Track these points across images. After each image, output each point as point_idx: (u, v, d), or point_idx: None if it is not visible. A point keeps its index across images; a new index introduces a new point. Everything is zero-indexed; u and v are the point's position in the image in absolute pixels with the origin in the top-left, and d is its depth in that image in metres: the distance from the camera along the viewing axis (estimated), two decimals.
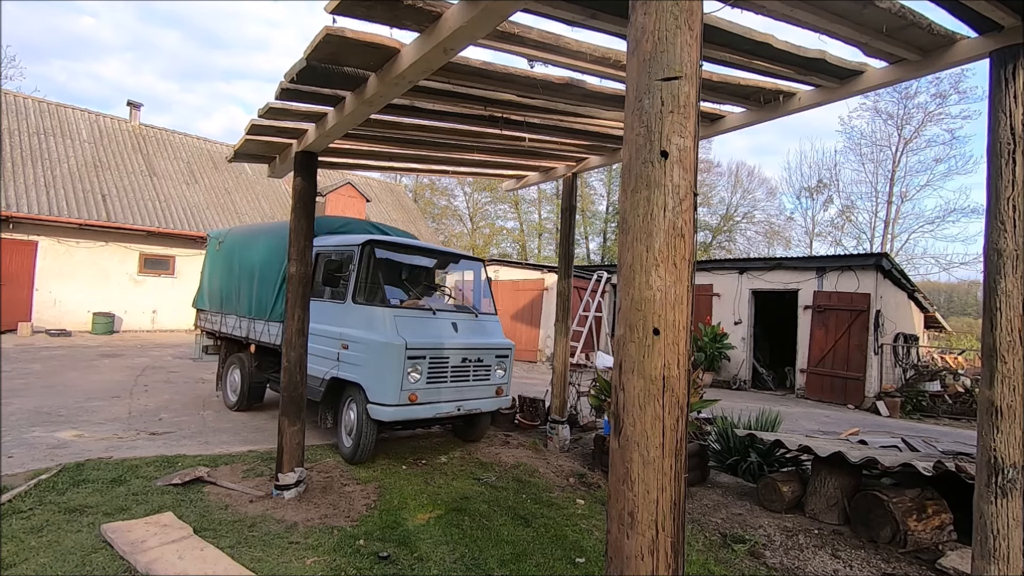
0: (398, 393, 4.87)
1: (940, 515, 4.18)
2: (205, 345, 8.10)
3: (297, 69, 3.10)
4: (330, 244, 5.98)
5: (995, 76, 2.80)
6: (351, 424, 5.21)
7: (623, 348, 1.51)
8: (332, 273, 5.60)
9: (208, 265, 8.31)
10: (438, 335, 5.31)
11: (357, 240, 5.65)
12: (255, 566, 3.22)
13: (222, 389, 7.46)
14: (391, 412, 4.87)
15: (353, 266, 5.49)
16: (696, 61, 1.48)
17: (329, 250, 5.94)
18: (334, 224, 6.74)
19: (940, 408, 11.79)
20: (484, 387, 5.63)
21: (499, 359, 5.74)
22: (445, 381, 5.25)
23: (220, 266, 7.79)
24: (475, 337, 5.63)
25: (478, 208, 40.08)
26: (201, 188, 19.05)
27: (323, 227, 6.45)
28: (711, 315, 14.53)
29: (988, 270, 2.75)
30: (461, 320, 5.70)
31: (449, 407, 5.27)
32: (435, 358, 5.15)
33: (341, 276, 5.58)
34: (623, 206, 1.54)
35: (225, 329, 7.40)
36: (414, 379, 4.98)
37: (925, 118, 27.94)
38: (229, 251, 7.61)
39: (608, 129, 4.88)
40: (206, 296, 8.20)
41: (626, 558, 1.47)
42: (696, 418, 6.50)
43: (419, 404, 5.03)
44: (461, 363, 5.38)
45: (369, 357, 5.01)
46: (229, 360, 7.39)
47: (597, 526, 4.23)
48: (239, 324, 7.02)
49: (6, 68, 25.50)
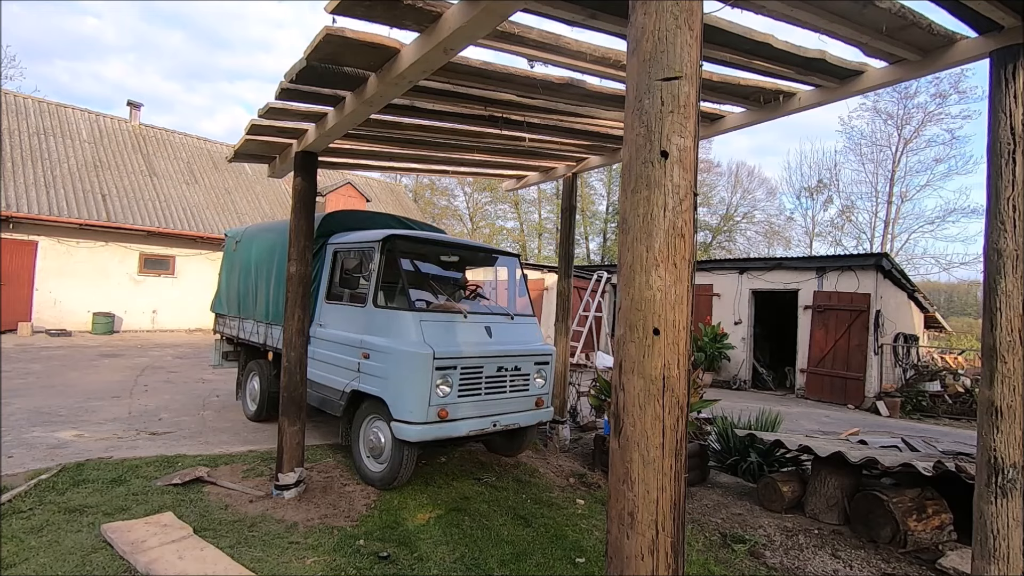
0: (425, 409, 4.28)
1: (940, 515, 4.18)
2: (224, 351, 7.62)
3: (297, 69, 3.10)
4: (348, 241, 5.39)
5: (995, 76, 2.81)
6: (380, 445, 4.63)
7: (623, 348, 1.51)
8: (351, 273, 5.05)
9: (225, 266, 7.74)
10: (470, 341, 4.73)
11: (377, 236, 5.02)
12: (255, 566, 3.22)
13: (242, 398, 7.02)
14: (418, 431, 4.25)
15: (373, 265, 4.90)
16: (696, 61, 1.48)
17: (347, 248, 5.36)
18: (358, 219, 6.18)
19: (940, 408, 11.78)
20: (523, 399, 4.98)
21: (539, 367, 5.10)
22: (479, 394, 4.63)
23: (237, 267, 7.23)
24: (511, 342, 5.01)
25: (478, 208, 40.09)
26: (201, 188, 19.04)
27: (346, 222, 5.95)
28: (711, 315, 14.53)
29: (988, 270, 2.75)
30: (495, 324, 5.08)
31: (483, 423, 4.64)
32: (467, 368, 4.54)
33: (361, 276, 5.01)
34: (623, 206, 1.54)
35: (243, 335, 6.88)
36: (443, 392, 4.37)
37: (925, 118, 27.97)
38: (246, 251, 7.03)
39: (608, 129, 4.88)
40: (223, 299, 7.64)
41: (626, 558, 1.47)
42: (696, 418, 6.50)
43: (450, 421, 4.41)
44: (496, 372, 4.75)
45: (392, 368, 4.44)
46: (248, 367, 6.95)
47: (597, 526, 4.23)
48: (257, 330, 6.51)
49: (6, 68, 25.51)
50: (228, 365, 7.65)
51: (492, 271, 7.02)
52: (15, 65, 36.11)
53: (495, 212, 40.59)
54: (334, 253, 5.51)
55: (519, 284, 5.93)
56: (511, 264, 6.09)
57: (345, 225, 5.90)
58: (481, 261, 6.53)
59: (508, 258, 6.12)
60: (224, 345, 7.66)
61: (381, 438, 4.62)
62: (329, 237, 5.66)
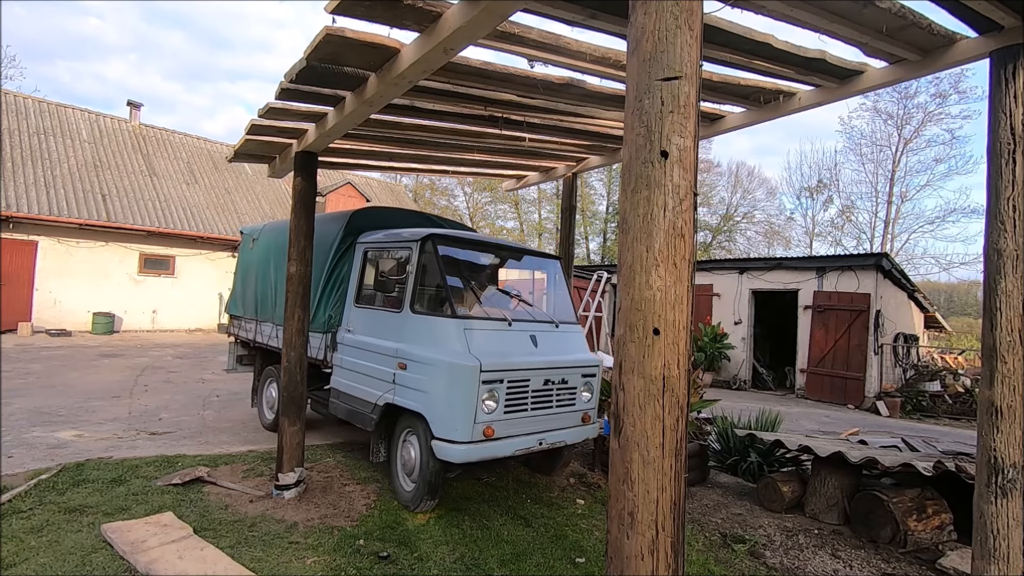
0: (471, 427, 3.87)
1: (940, 515, 4.19)
2: (239, 355, 7.22)
3: (297, 69, 3.11)
4: (381, 240, 5.03)
5: (995, 76, 2.81)
6: (411, 463, 4.28)
7: (623, 348, 1.51)
8: (385, 275, 4.57)
9: (241, 266, 7.39)
10: (516, 352, 4.33)
11: (416, 235, 4.65)
12: (255, 566, 3.22)
13: (258, 405, 6.63)
14: (463, 451, 3.85)
15: (411, 267, 4.52)
16: (696, 61, 1.48)
17: (380, 247, 4.98)
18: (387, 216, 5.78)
19: (940, 408, 11.79)
20: (569, 414, 4.56)
21: (586, 379, 4.72)
22: (525, 409, 4.23)
23: (254, 267, 6.85)
24: (558, 352, 4.61)
25: (478, 208, 40.08)
26: (201, 188, 19.04)
27: (375, 220, 5.59)
28: (711, 315, 14.53)
29: (988, 270, 2.75)
30: (540, 332, 4.65)
31: (530, 441, 4.23)
32: (514, 381, 4.14)
33: (396, 278, 4.57)
34: (623, 206, 1.54)
35: (260, 339, 6.46)
36: (489, 408, 3.97)
37: (925, 118, 27.96)
38: (264, 249, 6.63)
39: (608, 129, 4.88)
40: (239, 300, 7.29)
41: (626, 558, 1.47)
42: (696, 418, 6.50)
43: (495, 440, 4.01)
44: (543, 386, 4.35)
45: (434, 381, 4.05)
46: (265, 373, 6.54)
47: (597, 526, 4.23)
48: (275, 333, 6.04)
49: (6, 68, 25.51)
50: (243, 370, 7.28)
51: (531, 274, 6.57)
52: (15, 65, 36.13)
53: (495, 212, 40.60)
54: (365, 253, 5.14)
55: (563, 289, 5.53)
56: (553, 267, 5.65)
57: (374, 223, 5.55)
58: (523, 263, 6.09)
59: (551, 261, 5.68)
60: (239, 349, 7.27)
61: (412, 455, 4.28)
62: (359, 235, 5.33)
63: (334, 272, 5.38)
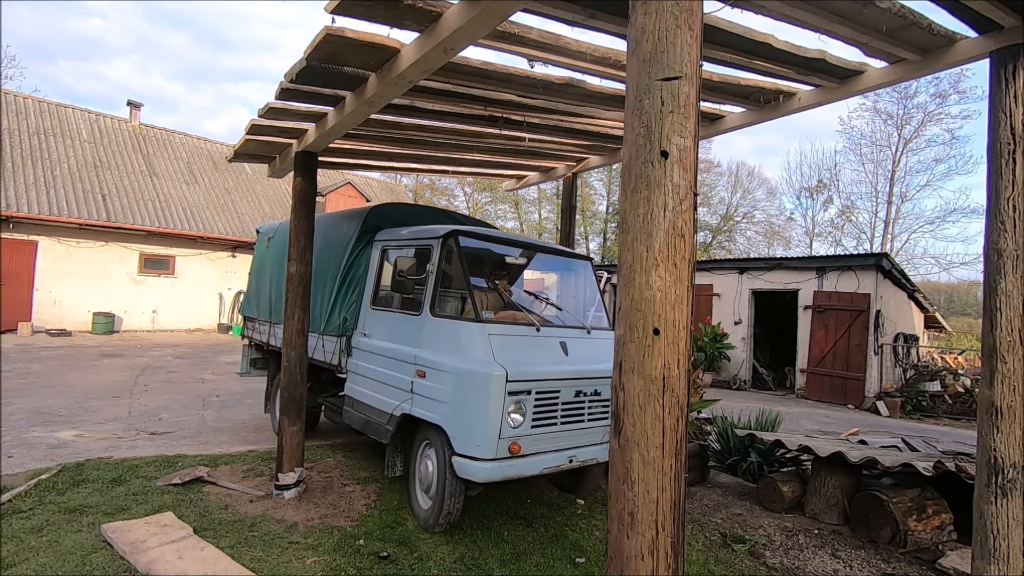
0: (495, 443, 3.51)
1: (940, 515, 4.18)
2: (253, 358, 6.91)
3: (297, 69, 3.11)
4: (400, 238, 4.73)
5: (995, 76, 2.81)
6: (428, 478, 3.97)
7: (623, 348, 1.51)
8: (403, 275, 4.16)
9: (256, 266, 7.15)
10: (545, 360, 3.96)
11: (438, 231, 4.31)
12: (255, 566, 3.23)
13: (271, 411, 6.32)
14: (487, 470, 3.50)
15: (432, 266, 4.19)
16: (696, 61, 1.48)
17: (399, 245, 4.67)
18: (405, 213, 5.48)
19: (940, 408, 11.78)
20: (601, 428, 4.13)
21: None
22: (554, 423, 3.85)
23: (269, 266, 6.55)
24: (590, 361, 4.17)
25: (478, 208, 40.07)
26: (201, 188, 19.04)
27: (393, 217, 5.29)
28: (711, 315, 14.53)
29: (988, 270, 2.75)
30: (571, 339, 4.27)
31: (559, 458, 3.84)
32: (543, 392, 3.77)
33: (415, 280, 4.19)
34: (623, 206, 1.54)
35: (274, 342, 6.08)
36: (516, 422, 3.61)
37: (925, 118, 27.93)
38: (279, 249, 6.29)
39: (608, 129, 4.88)
40: (253, 302, 7.02)
41: (626, 558, 1.47)
42: (696, 418, 6.49)
43: (522, 457, 3.66)
44: (574, 398, 3.96)
45: (455, 391, 3.70)
46: (279, 377, 6.28)
47: (597, 526, 4.23)
48: None
49: (6, 68, 25.50)
50: (256, 373, 7.01)
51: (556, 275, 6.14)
52: (15, 65, 36.14)
53: (495, 212, 40.58)
54: (382, 251, 4.83)
55: (594, 291, 5.16)
56: (584, 268, 5.29)
57: (393, 220, 5.23)
58: (552, 264, 5.74)
59: (581, 261, 5.34)
60: (253, 352, 6.95)
61: (429, 468, 3.97)
62: (375, 233, 5.03)
63: (350, 272, 5.11)
